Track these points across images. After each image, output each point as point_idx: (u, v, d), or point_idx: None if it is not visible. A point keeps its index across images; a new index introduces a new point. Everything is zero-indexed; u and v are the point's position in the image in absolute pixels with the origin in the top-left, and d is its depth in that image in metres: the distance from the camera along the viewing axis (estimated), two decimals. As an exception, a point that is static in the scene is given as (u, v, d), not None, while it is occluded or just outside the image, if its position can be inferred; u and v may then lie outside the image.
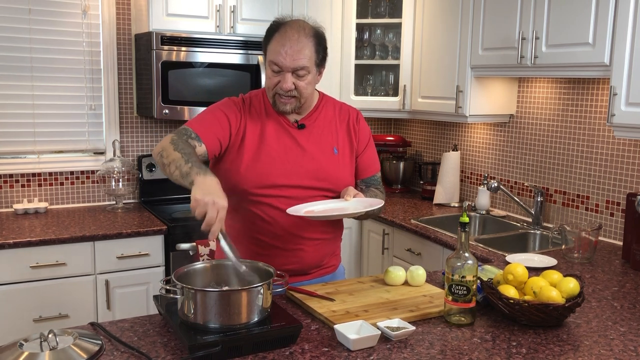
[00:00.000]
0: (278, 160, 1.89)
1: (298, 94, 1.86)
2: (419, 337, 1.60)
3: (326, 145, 1.97)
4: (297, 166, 1.91)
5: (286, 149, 1.91)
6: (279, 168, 1.89)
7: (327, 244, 2.03)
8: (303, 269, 2.00)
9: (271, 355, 1.48)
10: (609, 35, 2.32)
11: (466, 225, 1.66)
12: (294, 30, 1.84)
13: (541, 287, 1.69)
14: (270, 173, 1.88)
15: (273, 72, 1.86)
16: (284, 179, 1.89)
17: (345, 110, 2.07)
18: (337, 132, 2.01)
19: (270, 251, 1.93)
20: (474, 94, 3.08)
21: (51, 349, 1.38)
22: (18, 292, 2.66)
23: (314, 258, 2.00)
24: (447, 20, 3.18)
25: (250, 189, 1.87)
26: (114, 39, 3.33)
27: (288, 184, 1.89)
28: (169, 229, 2.94)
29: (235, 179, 1.87)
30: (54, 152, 3.30)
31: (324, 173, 1.94)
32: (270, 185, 1.87)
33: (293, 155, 1.91)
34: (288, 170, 1.89)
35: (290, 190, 1.89)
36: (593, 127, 2.83)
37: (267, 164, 1.88)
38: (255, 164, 1.87)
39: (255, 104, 1.96)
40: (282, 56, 1.81)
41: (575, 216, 2.93)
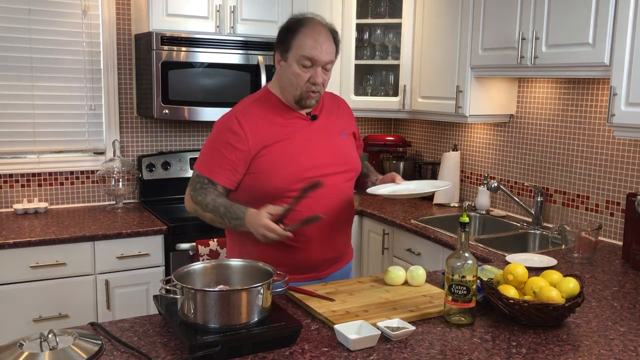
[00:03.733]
0: (305, 154, 1.94)
1: (323, 88, 1.94)
2: (418, 337, 1.60)
3: (336, 132, 2.06)
4: (322, 156, 1.97)
5: (308, 141, 1.96)
6: (307, 161, 1.94)
7: (349, 230, 2.13)
8: (337, 256, 2.08)
9: (271, 355, 1.48)
10: (609, 35, 2.32)
11: (466, 225, 1.66)
12: (321, 25, 1.93)
13: (541, 287, 1.70)
14: (301, 168, 1.92)
15: (304, 68, 1.88)
16: (315, 170, 1.94)
17: (336, 98, 2.17)
18: (338, 118, 2.10)
19: (311, 244, 1.97)
20: (474, 94, 3.08)
21: (51, 349, 1.38)
22: (18, 292, 2.66)
23: (344, 244, 2.10)
24: (447, 20, 3.18)
25: (287, 186, 1.90)
26: (114, 39, 3.33)
27: (319, 174, 1.94)
28: (169, 229, 2.94)
29: (269, 181, 1.90)
30: (54, 152, 3.30)
31: (344, 157, 2.03)
32: (306, 178, 1.91)
33: (315, 145, 1.97)
34: (316, 161, 1.95)
35: (325, 179, 1.92)
36: (593, 127, 2.83)
37: (296, 160, 1.92)
38: (286, 163, 1.91)
39: (266, 111, 1.96)
40: (318, 50, 1.86)
41: (575, 216, 2.93)
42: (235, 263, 1.72)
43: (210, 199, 1.88)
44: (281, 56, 1.93)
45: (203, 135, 3.64)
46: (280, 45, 1.92)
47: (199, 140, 3.64)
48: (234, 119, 1.92)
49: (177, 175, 3.48)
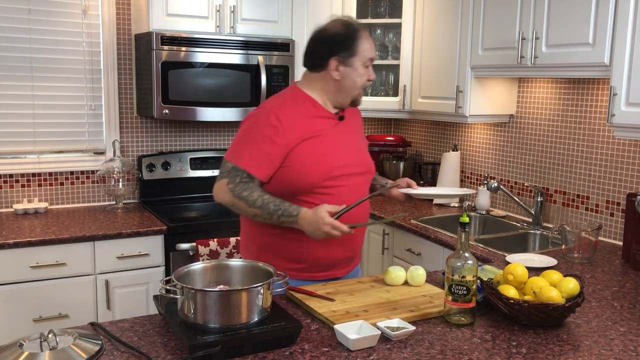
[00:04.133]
0: (334, 153, 2.01)
1: None
2: (419, 337, 1.60)
3: (357, 134, 2.16)
4: (350, 155, 2.05)
5: (338, 140, 2.04)
6: (337, 159, 2.00)
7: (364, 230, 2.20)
8: (354, 255, 2.14)
9: (271, 355, 1.48)
10: (608, 35, 2.32)
11: (466, 225, 1.66)
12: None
13: (541, 287, 1.70)
14: (332, 166, 1.99)
15: (366, 69, 2.02)
16: (342, 169, 2.01)
17: None
18: (356, 121, 2.20)
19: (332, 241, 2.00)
20: (474, 94, 3.08)
21: (51, 349, 1.39)
22: (18, 292, 2.66)
23: (359, 244, 2.16)
24: (447, 21, 3.18)
25: (319, 182, 1.96)
26: (114, 39, 3.33)
27: (345, 173, 2.01)
28: (169, 229, 2.94)
29: (302, 176, 1.95)
30: (54, 152, 3.29)
31: (365, 159, 2.12)
32: (334, 177, 1.99)
33: (342, 145, 2.05)
34: (345, 160, 2.02)
35: (348, 179, 2.02)
36: (593, 127, 2.83)
37: (328, 157, 1.99)
38: (318, 159, 1.97)
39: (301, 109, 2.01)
40: (374, 51, 2.04)
41: (575, 216, 2.93)
42: (235, 263, 1.72)
43: (257, 195, 1.91)
44: (343, 61, 2.00)
45: (203, 135, 3.64)
46: (343, 52, 1.99)
47: (199, 140, 3.64)
48: (272, 113, 1.96)
49: (177, 175, 3.48)
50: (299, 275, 2.02)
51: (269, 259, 1.97)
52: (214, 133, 3.67)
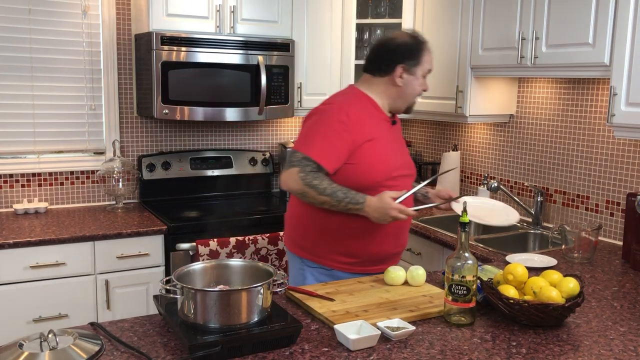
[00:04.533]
0: (392, 154, 2.16)
1: None
2: (419, 337, 1.60)
3: (403, 138, 2.34)
4: (401, 158, 2.21)
5: (393, 143, 2.19)
6: (395, 160, 2.16)
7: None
8: (401, 251, 2.28)
9: (271, 355, 1.48)
10: (609, 35, 2.32)
11: (466, 225, 1.66)
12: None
13: (541, 287, 1.70)
14: (392, 166, 2.13)
15: (423, 78, 2.18)
16: (399, 170, 2.16)
17: None
18: (400, 126, 2.35)
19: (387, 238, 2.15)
20: (474, 94, 3.08)
21: (51, 349, 1.39)
22: (18, 292, 2.66)
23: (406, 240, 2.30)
24: (447, 21, 3.18)
25: (382, 180, 2.09)
26: (114, 39, 3.33)
27: (400, 174, 2.17)
28: (169, 229, 2.94)
29: (368, 174, 2.08)
30: (54, 152, 3.29)
31: (410, 162, 2.27)
32: (393, 177, 2.13)
33: (397, 148, 2.21)
34: (398, 162, 2.18)
35: (402, 179, 2.17)
36: (593, 127, 2.83)
37: (388, 158, 2.13)
38: (382, 159, 2.10)
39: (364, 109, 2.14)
40: (432, 64, 2.23)
41: (575, 216, 2.93)
42: (235, 263, 1.72)
43: (326, 183, 2.02)
44: (408, 70, 2.15)
45: (203, 135, 3.64)
46: (409, 61, 2.15)
47: (199, 140, 3.64)
48: (342, 110, 2.09)
49: (177, 175, 3.48)
50: (353, 269, 2.17)
51: (324, 253, 2.15)
52: (214, 133, 3.67)
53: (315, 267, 2.19)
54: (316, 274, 2.19)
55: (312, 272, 2.20)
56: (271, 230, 3.11)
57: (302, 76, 3.48)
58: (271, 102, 3.33)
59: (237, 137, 3.74)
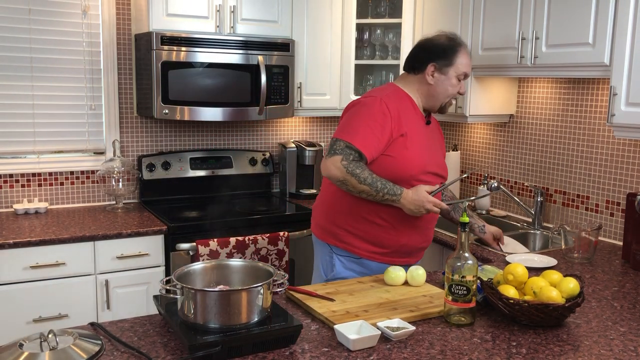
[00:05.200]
0: (427, 150, 2.22)
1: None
2: (419, 337, 1.60)
3: (438, 140, 2.37)
4: (435, 156, 2.27)
5: (427, 141, 2.24)
6: (429, 157, 2.22)
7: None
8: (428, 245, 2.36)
9: (271, 355, 1.48)
10: (609, 35, 2.32)
11: (466, 225, 1.66)
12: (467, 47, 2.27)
13: (541, 287, 1.70)
14: (425, 162, 2.19)
15: (458, 81, 2.22)
16: (432, 167, 2.22)
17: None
18: (439, 131, 2.41)
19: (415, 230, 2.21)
20: (474, 94, 3.08)
21: (51, 349, 1.39)
22: (18, 292, 2.66)
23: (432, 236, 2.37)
24: (447, 21, 3.18)
25: (416, 174, 2.16)
26: (114, 39, 3.33)
27: (433, 171, 2.23)
28: (169, 229, 2.94)
29: (403, 166, 2.14)
30: (54, 152, 3.29)
31: (443, 163, 2.33)
32: (427, 172, 2.19)
33: (431, 147, 2.26)
34: (432, 159, 2.23)
35: (433, 177, 2.22)
36: (593, 127, 2.83)
37: (423, 153, 2.19)
38: (417, 153, 2.16)
39: (402, 104, 2.20)
40: (470, 68, 2.25)
41: (575, 216, 2.93)
42: (235, 263, 1.72)
43: (367, 173, 2.08)
44: (439, 69, 2.21)
45: (203, 135, 3.64)
46: (441, 60, 2.20)
47: (199, 140, 3.64)
48: (383, 102, 2.15)
49: (177, 175, 3.48)
50: (381, 259, 2.22)
51: (355, 242, 2.21)
52: (214, 133, 3.67)
53: (345, 255, 2.24)
54: (345, 262, 2.25)
55: (341, 260, 2.25)
56: (271, 230, 3.11)
57: (302, 76, 3.48)
58: (271, 102, 3.33)
59: (237, 137, 3.74)
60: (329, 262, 2.27)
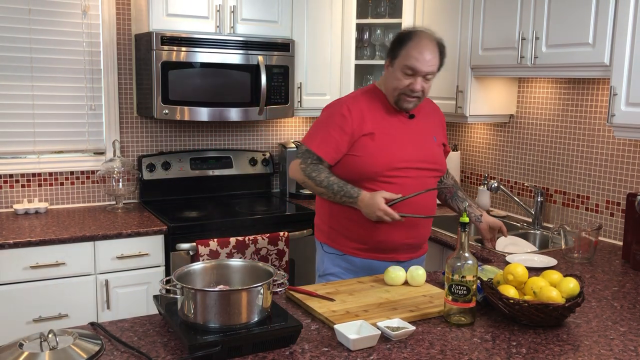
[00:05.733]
0: (399, 148, 2.16)
1: (422, 95, 2.16)
2: (419, 337, 1.60)
3: (428, 133, 2.27)
4: (414, 152, 2.19)
5: (403, 137, 2.19)
6: (400, 154, 2.16)
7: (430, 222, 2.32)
8: (417, 244, 2.26)
9: (271, 355, 1.48)
10: (609, 35, 2.32)
11: (466, 226, 1.66)
12: (428, 39, 2.11)
13: (541, 287, 1.70)
14: (394, 159, 2.14)
15: (405, 75, 2.10)
16: (405, 163, 2.16)
17: (434, 106, 2.40)
18: (433, 122, 2.32)
19: (394, 226, 2.14)
20: (474, 94, 3.08)
21: (51, 349, 1.39)
22: (18, 292, 2.66)
23: (424, 233, 2.28)
24: (447, 21, 3.18)
25: (381, 171, 2.13)
26: (114, 39, 3.33)
27: (410, 166, 2.17)
28: (169, 229, 2.94)
29: (365, 164, 2.13)
30: (54, 152, 3.29)
31: (432, 157, 2.24)
32: (396, 168, 2.14)
33: (409, 142, 2.19)
34: (407, 155, 2.17)
35: (414, 172, 2.17)
36: (593, 127, 2.83)
37: (391, 151, 2.14)
38: (382, 151, 2.13)
39: (372, 104, 2.19)
40: (420, 62, 2.08)
41: (575, 216, 2.93)
42: (235, 263, 1.72)
43: (324, 176, 2.14)
44: (390, 61, 2.16)
45: (203, 135, 3.64)
46: (391, 52, 2.15)
47: (199, 140, 3.64)
48: (344, 105, 2.17)
49: (177, 175, 3.48)
50: (363, 255, 2.21)
51: (338, 239, 2.23)
52: (214, 133, 3.67)
53: (332, 252, 2.27)
54: (333, 259, 2.27)
55: (329, 257, 2.28)
56: (271, 230, 3.11)
57: (302, 76, 3.48)
58: (271, 102, 3.33)
59: (237, 137, 3.74)
60: (320, 259, 2.34)
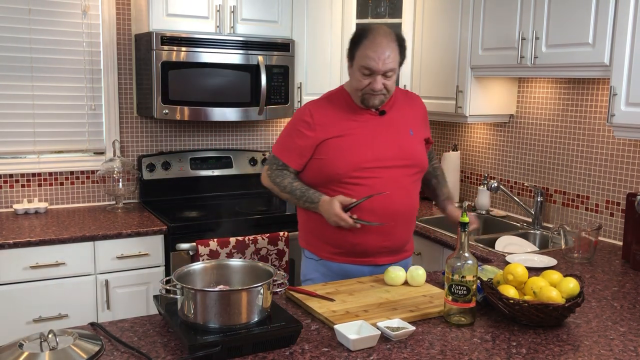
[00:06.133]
0: (367, 147, 2.10)
1: (386, 91, 2.09)
2: (419, 337, 1.60)
3: (403, 128, 2.19)
4: (385, 149, 2.12)
5: (373, 134, 2.13)
6: (369, 153, 2.10)
7: (410, 223, 2.23)
8: (395, 247, 2.19)
9: (271, 355, 1.48)
10: (609, 35, 2.32)
11: (466, 226, 1.66)
12: (382, 36, 2.04)
13: (541, 287, 1.70)
14: (361, 159, 2.09)
15: (363, 75, 2.05)
16: (375, 162, 2.10)
17: (411, 96, 2.31)
18: (409, 115, 2.23)
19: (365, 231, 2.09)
20: (474, 94, 3.08)
21: (51, 349, 1.39)
22: (18, 292, 2.66)
23: (403, 236, 2.20)
24: (447, 21, 3.18)
25: (346, 173, 2.09)
26: (114, 39, 3.33)
27: (380, 165, 2.10)
28: (169, 229, 2.94)
29: (331, 167, 2.10)
30: (54, 152, 3.29)
31: (406, 153, 2.16)
32: (363, 168, 2.09)
33: (380, 140, 2.13)
34: (377, 154, 2.11)
35: (383, 171, 2.11)
36: (593, 127, 2.83)
37: (357, 151, 2.09)
38: (347, 153, 2.09)
39: (337, 106, 2.16)
40: (375, 61, 2.02)
41: (575, 216, 2.93)
42: (235, 263, 1.72)
43: (287, 182, 2.15)
44: (349, 63, 2.12)
45: (203, 135, 3.64)
46: (348, 53, 2.11)
47: (199, 140, 3.64)
48: (307, 110, 2.16)
49: (177, 175, 3.48)
50: (339, 259, 2.18)
51: (315, 243, 2.21)
52: (213, 133, 3.67)
53: (311, 257, 2.25)
54: (312, 264, 2.25)
55: (309, 263, 2.26)
56: (271, 230, 3.10)
57: (302, 76, 3.48)
58: (271, 102, 3.33)
59: (237, 137, 3.74)
60: (303, 264, 2.31)
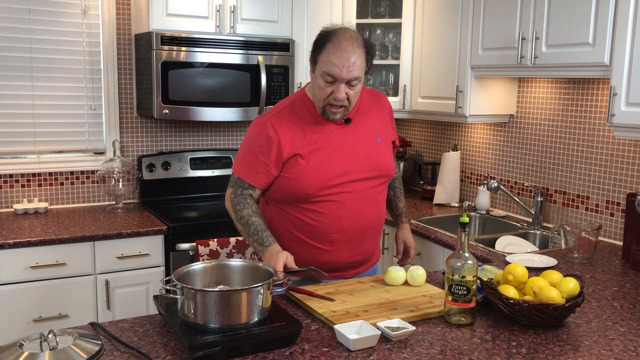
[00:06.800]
0: (334, 162, 1.95)
1: (348, 102, 1.91)
2: (419, 337, 1.60)
3: (370, 134, 2.04)
4: (352, 161, 1.97)
5: (339, 146, 1.97)
6: (336, 169, 1.95)
7: (378, 234, 2.14)
8: (365, 259, 2.10)
9: (271, 355, 1.48)
10: (609, 35, 2.32)
11: (466, 225, 1.66)
12: (347, 41, 1.84)
13: (541, 287, 1.70)
14: (329, 176, 1.94)
15: (326, 83, 1.87)
16: (343, 177, 1.95)
17: (377, 96, 2.13)
18: (375, 119, 2.07)
19: (336, 246, 2.00)
20: (474, 94, 3.08)
21: (51, 349, 1.39)
22: (18, 292, 2.66)
23: (371, 248, 2.11)
24: (447, 20, 3.18)
25: (314, 192, 1.94)
26: (114, 39, 3.33)
27: (348, 179, 1.96)
28: (169, 229, 2.94)
29: (298, 187, 1.94)
30: (54, 152, 3.30)
31: (375, 162, 2.01)
32: (332, 185, 1.94)
33: (346, 151, 1.97)
34: (344, 168, 1.96)
35: (353, 185, 1.97)
36: (593, 127, 2.83)
37: (325, 168, 1.94)
38: (315, 170, 1.93)
39: (297, 114, 1.98)
40: (338, 68, 1.83)
41: (575, 216, 2.93)
42: (235, 263, 1.72)
43: (246, 213, 1.97)
44: (312, 68, 1.94)
45: (203, 135, 3.64)
46: (311, 58, 1.93)
47: (199, 140, 3.64)
48: (269, 124, 1.95)
49: (177, 175, 3.48)
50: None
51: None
52: (214, 133, 3.67)
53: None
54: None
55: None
56: (271, 230, 3.10)
57: (302, 76, 3.48)
58: (271, 102, 3.33)
59: (238, 137, 3.74)
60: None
